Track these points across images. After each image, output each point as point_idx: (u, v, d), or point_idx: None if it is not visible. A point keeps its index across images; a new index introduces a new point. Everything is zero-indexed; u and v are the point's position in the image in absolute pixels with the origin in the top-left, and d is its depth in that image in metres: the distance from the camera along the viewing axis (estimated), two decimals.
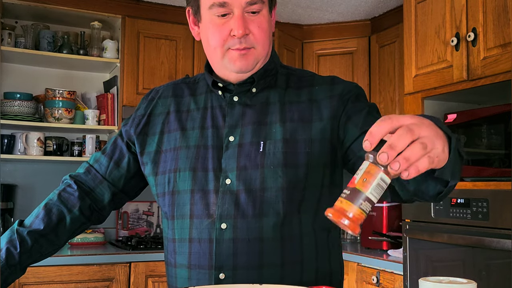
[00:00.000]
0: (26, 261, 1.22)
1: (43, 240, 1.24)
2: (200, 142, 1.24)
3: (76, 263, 2.79)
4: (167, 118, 1.31)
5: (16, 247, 1.20)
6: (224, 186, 1.18)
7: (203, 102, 1.29)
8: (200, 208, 1.19)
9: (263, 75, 1.26)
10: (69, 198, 1.30)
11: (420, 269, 2.48)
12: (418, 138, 0.78)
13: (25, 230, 1.23)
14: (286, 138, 1.19)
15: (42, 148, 3.15)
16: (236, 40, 1.18)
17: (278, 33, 3.48)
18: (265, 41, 1.22)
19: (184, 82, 1.37)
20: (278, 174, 1.17)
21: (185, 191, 1.22)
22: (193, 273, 1.19)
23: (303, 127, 1.21)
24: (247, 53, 1.20)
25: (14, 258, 1.20)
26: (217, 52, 1.21)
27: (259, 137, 1.21)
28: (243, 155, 1.19)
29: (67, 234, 1.29)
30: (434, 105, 2.62)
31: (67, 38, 3.23)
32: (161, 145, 1.28)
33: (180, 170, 1.23)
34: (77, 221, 1.30)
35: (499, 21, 2.18)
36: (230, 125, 1.23)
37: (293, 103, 1.25)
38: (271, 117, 1.23)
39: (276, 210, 1.16)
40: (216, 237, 1.16)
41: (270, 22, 1.25)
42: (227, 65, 1.22)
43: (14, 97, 3.07)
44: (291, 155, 1.18)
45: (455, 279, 0.94)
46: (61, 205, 1.28)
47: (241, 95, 1.26)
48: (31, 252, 1.22)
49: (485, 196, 2.16)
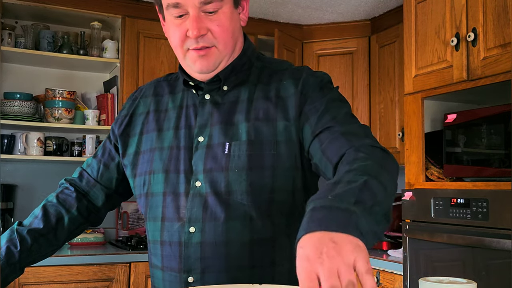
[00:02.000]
0: (25, 260, 1.23)
1: (43, 239, 1.25)
2: (174, 143, 1.22)
3: (76, 263, 2.79)
4: (146, 118, 1.29)
5: (16, 245, 1.21)
6: (194, 188, 1.16)
7: (180, 101, 1.27)
8: (171, 211, 1.18)
9: (231, 72, 1.22)
10: (67, 199, 1.32)
11: (420, 269, 2.48)
12: None
13: (25, 229, 1.24)
14: (250, 140, 1.15)
15: (42, 148, 3.15)
16: (193, 40, 1.15)
17: (278, 33, 3.48)
18: (227, 39, 1.18)
19: (166, 79, 1.35)
20: (242, 178, 1.13)
21: (158, 193, 1.20)
22: (166, 275, 1.19)
23: (268, 127, 1.16)
24: (207, 53, 1.17)
25: (14, 256, 1.20)
26: (178, 52, 1.19)
27: (226, 138, 1.17)
28: (210, 157, 1.17)
29: (66, 234, 1.31)
30: (434, 105, 2.62)
31: (67, 38, 3.23)
32: (140, 146, 1.27)
33: (154, 172, 1.21)
34: (75, 221, 1.32)
35: (499, 21, 2.18)
36: (200, 125, 1.20)
37: (260, 101, 1.20)
38: (238, 116, 1.19)
39: (243, 214, 1.14)
40: (185, 240, 1.15)
41: (234, 17, 1.20)
42: (189, 64, 1.20)
43: (14, 97, 3.07)
44: (256, 157, 1.14)
45: (455, 279, 0.94)
46: (59, 206, 1.30)
47: (213, 93, 1.22)
48: (31, 251, 1.23)
49: (485, 196, 2.15)
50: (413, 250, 2.51)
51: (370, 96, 3.61)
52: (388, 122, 3.43)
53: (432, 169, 2.58)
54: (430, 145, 2.57)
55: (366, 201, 0.86)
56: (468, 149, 2.40)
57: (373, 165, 0.97)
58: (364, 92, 3.62)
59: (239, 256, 1.14)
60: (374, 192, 0.89)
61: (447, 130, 2.48)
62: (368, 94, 3.61)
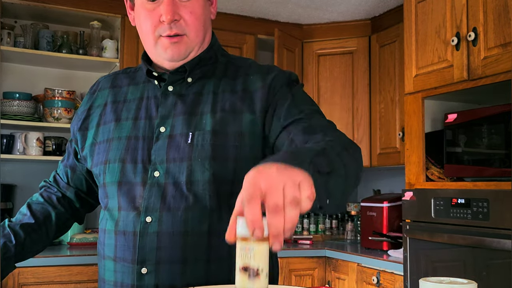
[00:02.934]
0: (19, 255, 1.24)
1: (34, 234, 1.27)
2: (132, 133, 1.21)
3: (75, 263, 2.79)
4: (104, 109, 1.29)
5: (11, 240, 1.22)
6: (152, 178, 1.16)
7: (140, 92, 1.26)
8: (127, 200, 1.18)
9: (197, 64, 1.22)
10: (51, 196, 1.34)
11: (421, 270, 2.47)
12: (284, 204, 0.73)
13: (17, 225, 1.26)
14: (215, 130, 1.15)
15: (41, 148, 3.15)
16: (166, 26, 1.15)
17: (278, 32, 3.48)
18: (198, 28, 1.19)
19: (125, 72, 1.35)
20: (205, 167, 1.13)
21: (113, 183, 1.20)
22: (118, 266, 1.18)
23: (234, 119, 1.17)
24: (179, 41, 1.17)
25: (10, 250, 1.21)
26: (150, 38, 1.19)
27: (189, 128, 1.17)
28: (172, 146, 1.16)
29: (55, 229, 1.33)
30: (435, 105, 2.62)
31: (66, 37, 3.23)
32: (97, 138, 1.27)
33: (110, 162, 1.21)
34: (62, 217, 1.34)
35: (499, 20, 2.18)
36: (162, 116, 1.20)
37: (226, 93, 1.20)
38: (203, 107, 1.19)
39: (203, 204, 1.13)
40: (140, 230, 1.14)
41: (206, 8, 1.21)
42: (160, 52, 1.19)
43: (13, 97, 3.07)
44: (220, 147, 1.14)
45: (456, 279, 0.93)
46: (45, 203, 1.33)
47: (176, 85, 1.22)
48: (24, 246, 1.24)
49: (486, 196, 2.15)
50: (413, 250, 2.51)
51: (370, 95, 3.60)
52: (388, 122, 3.42)
53: (432, 169, 2.57)
54: (430, 145, 2.56)
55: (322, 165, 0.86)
56: (468, 149, 2.40)
57: (337, 145, 0.98)
58: (364, 92, 3.62)
59: (196, 247, 1.13)
60: (331, 160, 0.90)
61: (448, 130, 2.47)
62: (368, 93, 3.61)
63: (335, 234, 3.92)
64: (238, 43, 3.59)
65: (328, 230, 3.91)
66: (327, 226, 3.91)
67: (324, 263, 3.33)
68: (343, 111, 3.66)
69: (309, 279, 3.31)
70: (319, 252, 3.33)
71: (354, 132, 3.63)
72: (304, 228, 3.85)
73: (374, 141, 3.55)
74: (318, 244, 3.56)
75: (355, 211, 3.81)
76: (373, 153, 3.56)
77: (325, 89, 3.70)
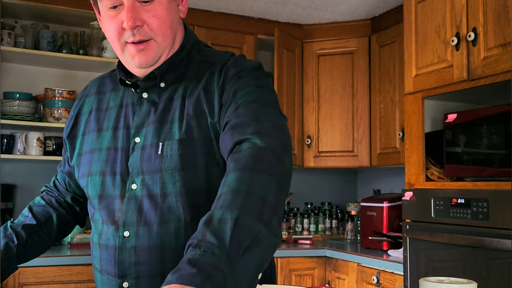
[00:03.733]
0: (21, 255, 1.24)
1: (36, 235, 1.27)
2: (112, 144, 1.18)
3: (76, 263, 2.79)
4: (89, 117, 1.26)
5: (13, 240, 1.22)
6: (130, 191, 1.13)
7: (120, 99, 1.23)
8: (107, 214, 1.16)
9: (167, 69, 1.17)
10: (52, 199, 1.34)
11: (421, 269, 2.47)
12: None
13: (19, 225, 1.26)
14: (182, 138, 1.10)
15: (42, 148, 3.15)
16: (129, 32, 1.10)
17: (278, 33, 3.48)
18: (165, 31, 1.13)
19: (110, 75, 1.30)
20: (176, 178, 1.09)
21: (95, 196, 1.18)
22: (104, 278, 1.17)
23: (199, 124, 1.11)
24: (146, 47, 1.12)
25: (12, 250, 1.21)
26: (116, 46, 1.14)
27: (159, 138, 1.12)
28: (145, 158, 1.12)
29: (56, 231, 1.32)
30: (434, 105, 2.62)
31: (66, 37, 3.23)
32: (82, 147, 1.25)
33: (92, 174, 1.19)
34: (63, 218, 1.34)
35: (499, 20, 2.18)
36: (137, 125, 1.16)
37: (192, 97, 1.14)
38: (173, 114, 1.14)
39: (177, 216, 1.10)
40: (119, 245, 1.12)
41: (171, 8, 1.15)
42: (128, 59, 1.15)
43: (13, 97, 3.07)
44: (188, 156, 1.09)
45: (456, 279, 0.94)
46: (46, 205, 1.33)
47: (150, 91, 1.17)
48: (26, 247, 1.24)
49: (485, 196, 2.15)
50: (413, 250, 2.51)
51: (370, 96, 3.60)
52: (388, 122, 3.42)
53: (432, 169, 2.58)
54: (430, 145, 2.56)
55: (241, 243, 0.82)
56: (468, 149, 2.40)
57: (241, 186, 0.91)
58: (364, 92, 3.62)
59: (174, 261, 1.08)
60: (248, 227, 0.84)
61: (448, 130, 2.47)
62: (368, 94, 3.61)
63: (335, 234, 3.92)
64: (238, 43, 3.59)
65: (328, 230, 3.91)
66: (327, 226, 3.91)
67: (324, 263, 3.33)
68: (343, 111, 3.66)
69: (309, 279, 3.31)
70: (319, 252, 3.33)
71: (354, 132, 3.63)
72: (304, 228, 3.86)
73: (374, 141, 3.55)
74: (318, 244, 3.56)
75: (355, 211, 3.81)
76: (373, 153, 3.56)
77: (325, 89, 3.70)
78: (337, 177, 4.18)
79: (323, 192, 4.14)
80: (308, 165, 3.70)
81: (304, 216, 3.87)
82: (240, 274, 0.80)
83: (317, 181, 4.14)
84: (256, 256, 0.84)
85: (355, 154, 3.63)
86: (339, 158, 3.65)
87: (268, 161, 0.96)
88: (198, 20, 3.48)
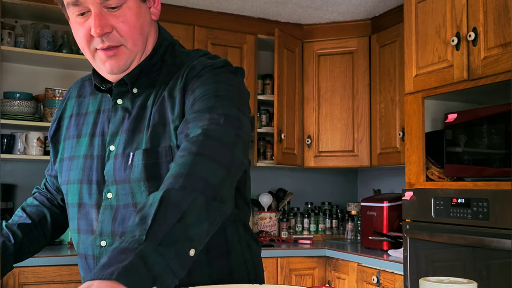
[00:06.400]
0: (17, 254, 1.23)
1: (31, 235, 1.27)
2: (89, 151, 1.16)
3: (76, 263, 2.77)
4: (69, 122, 1.25)
5: (10, 239, 1.22)
6: (106, 200, 1.11)
7: (98, 104, 1.20)
8: (85, 223, 1.15)
9: (139, 74, 1.14)
10: (44, 199, 1.34)
11: (421, 269, 2.47)
12: None
13: (14, 225, 1.26)
14: (147, 148, 1.08)
15: (42, 148, 3.15)
16: (98, 39, 1.07)
17: (278, 32, 3.48)
18: (135, 36, 1.10)
19: (91, 78, 1.26)
20: (142, 189, 1.07)
21: (73, 204, 1.17)
22: None
23: (163, 132, 1.08)
24: (117, 53, 1.09)
25: (9, 249, 1.21)
26: (86, 52, 1.12)
27: (131, 147, 1.10)
28: (117, 167, 1.10)
29: (51, 230, 1.32)
30: (435, 104, 2.62)
31: (66, 37, 3.23)
32: (63, 153, 1.23)
33: (70, 182, 1.18)
34: (57, 218, 1.33)
35: (499, 20, 2.18)
36: (112, 133, 1.14)
37: (160, 104, 1.11)
38: (144, 123, 1.11)
39: None
40: (97, 255, 1.11)
41: (141, 12, 1.11)
42: (99, 66, 1.13)
43: (14, 97, 3.06)
44: (152, 166, 1.07)
45: (456, 279, 0.93)
46: (40, 205, 1.33)
47: (124, 98, 1.15)
48: (22, 245, 1.24)
49: (486, 196, 2.15)
50: (413, 250, 2.51)
51: (370, 95, 3.60)
52: (388, 122, 3.42)
53: (432, 168, 2.58)
54: (430, 145, 2.56)
55: (167, 219, 0.82)
56: (468, 148, 2.40)
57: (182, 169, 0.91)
58: (365, 92, 3.62)
59: None
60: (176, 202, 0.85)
61: (448, 130, 2.47)
62: (369, 93, 3.61)
63: (335, 233, 3.92)
64: (238, 43, 3.59)
65: (328, 230, 3.91)
66: (327, 225, 3.91)
67: (324, 263, 3.33)
68: (343, 111, 3.66)
69: (309, 279, 3.31)
70: (319, 252, 3.33)
71: (354, 132, 3.63)
72: (304, 228, 3.86)
73: (374, 141, 3.55)
74: (319, 244, 3.56)
75: (355, 211, 3.81)
76: (373, 153, 3.56)
77: (325, 89, 3.70)
78: (337, 177, 4.18)
79: (323, 192, 4.14)
80: (308, 165, 3.70)
81: (304, 216, 3.87)
82: (167, 250, 0.81)
83: (317, 181, 4.13)
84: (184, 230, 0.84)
85: (355, 154, 3.63)
86: (339, 158, 3.65)
87: (214, 148, 0.96)
88: (198, 20, 3.48)
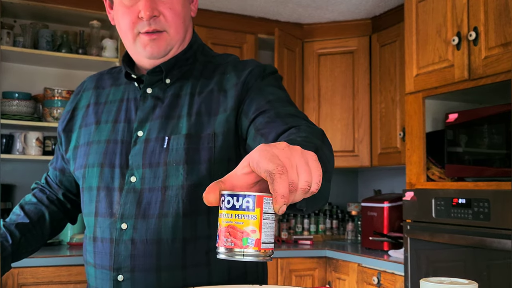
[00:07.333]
0: (15, 254, 1.23)
1: (29, 234, 1.27)
2: (111, 137, 1.20)
3: (75, 263, 2.78)
4: (86, 111, 1.28)
5: (7, 239, 1.22)
6: (129, 184, 1.14)
7: (121, 94, 1.25)
8: (104, 206, 1.16)
9: (173, 65, 1.20)
10: (43, 197, 1.34)
11: (421, 270, 2.46)
12: None
13: (12, 224, 1.26)
14: (190, 133, 1.13)
15: (41, 148, 3.14)
16: (145, 22, 1.14)
17: (278, 32, 3.47)
18: (179, 24, 1.18)
19: (110, 72, 1.33)
20: (179, 172, 1.11)
21: (92, 188, 1.19)
22: (98, 273, 1.17)
23: (209, 121, 1.14)
24: (158, 38, 1.16)
25: (7, 249, 1.21)
26: (128, 36, 1.17)
27: (165, 132, 1.15)
28: (148, 151, 1.15)
29: (49, 229, 1.32)
30: (435, 104, 2.61)
31: (66, 37, 3.22)
32: (79, 140, 1.26)
33: (89, 166, 1.20)
34: (56, 216, 1.34)
35: (500, 20, 2.17)
36: (140, 119, 1.18)
37: (203, 95, 1.18)
38: (180, 110, 1.17)
39: (176, 210, 1.11)
40: (116, 237, 1.13)
41: (185, 5, 1.20)
42: (139, 50, 1.18)
43: (12, 97, 3.06)
44: (193, 151, 1.12)
45: (456, 279, 0.92)
46: (38, 203, 1.33)
47: (155, 87, 1.20)
48: (20, 245, 1.24)
49: (486, 196, 2.14)
50: (414, 250, 2.50)
51: (371, 95, 3.59)
52: (389, 122, 3.41)
53: (433, 169, 2.57)
54: (431, 145, 2.55)
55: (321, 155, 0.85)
56: (469, 149, 2.39)
57: (317, 139, 0.94)
58: (365, 92, 3.61)
59: (171, 255, 1.11)
60: (323, 160, 0.87)
61: (449, 130, 2.46)
62: (369, 93, 3.60)
63: (336, 234, 3.91)
64: (238, 42, 3.58)
65: (329, 230, 3.90)
66: (327, 226, 3.90)
67: (324, 263, 3.32)
68: (344, 111, 3.65)
69: (309, 279, 3.30)
70: (319, 252, 3.32)
71: (354, 132, 3.62)
72: (304, 228, 3.85)
73: (375, 141, 3.54)
74: (319, 244, 3.55)
75: (356, 211, 3.80)
76: (374, 153, 3.55)
77: (326, 89, 3.69)
78: (338, 177, 4.17)
79: None
80: None
81: (304, 216, 3.86)
82: None
83: None
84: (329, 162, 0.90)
85: (356, 154, 3.62)
86: (340, 158, 3.64)
87: (328, 142, 1.01)
88: (199, 20, 3.47)
